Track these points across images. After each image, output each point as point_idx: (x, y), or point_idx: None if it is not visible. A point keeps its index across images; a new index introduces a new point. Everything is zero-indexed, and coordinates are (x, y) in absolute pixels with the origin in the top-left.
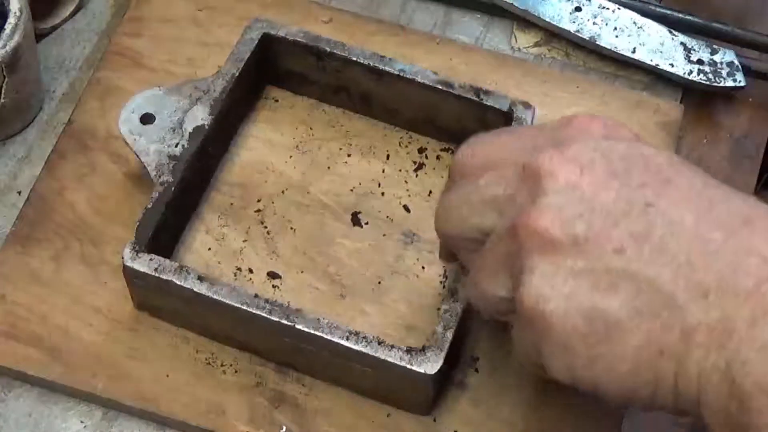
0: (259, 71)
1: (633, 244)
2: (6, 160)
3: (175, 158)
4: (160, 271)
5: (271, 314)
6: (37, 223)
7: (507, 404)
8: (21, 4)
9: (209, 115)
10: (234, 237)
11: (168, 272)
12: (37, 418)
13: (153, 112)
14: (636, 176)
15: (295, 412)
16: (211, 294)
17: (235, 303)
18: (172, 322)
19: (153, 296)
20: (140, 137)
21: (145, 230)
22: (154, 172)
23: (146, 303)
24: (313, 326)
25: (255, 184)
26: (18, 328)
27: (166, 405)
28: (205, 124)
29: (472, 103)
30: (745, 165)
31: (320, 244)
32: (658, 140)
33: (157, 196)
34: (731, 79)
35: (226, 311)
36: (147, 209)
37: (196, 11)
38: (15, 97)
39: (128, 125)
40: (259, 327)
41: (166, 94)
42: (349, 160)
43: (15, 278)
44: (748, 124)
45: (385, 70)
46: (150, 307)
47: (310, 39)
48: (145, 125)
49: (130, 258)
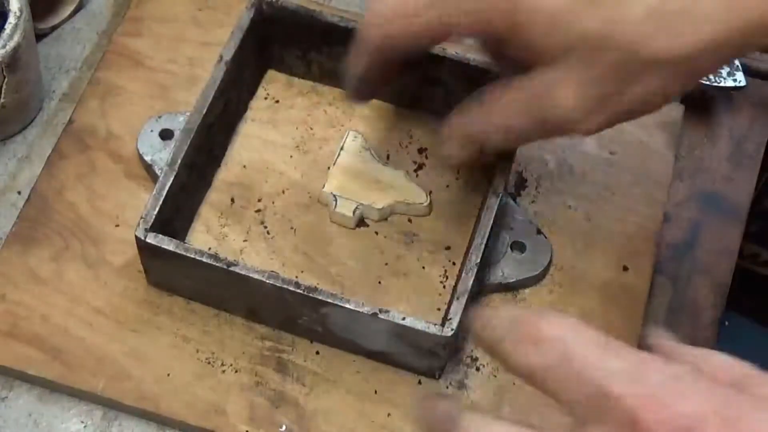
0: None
1: None
2: (6, 160)
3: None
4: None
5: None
6: (37, 223)
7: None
8: (21, 4)
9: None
10: (234, 237)
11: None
12: (37, 418)
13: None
14: None
15: (295, 412)
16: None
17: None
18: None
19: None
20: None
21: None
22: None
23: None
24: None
25: (255, 184)
26: (18, 328)
27: (166, 405)
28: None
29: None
30: (745, 165)
31: (320, 244)
32: (658, 140)
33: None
34: (731, 79)
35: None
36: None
37: (196, 11)
38: (15, 97)
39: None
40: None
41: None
42: None
43: (15, 278)
44: (748, 124)
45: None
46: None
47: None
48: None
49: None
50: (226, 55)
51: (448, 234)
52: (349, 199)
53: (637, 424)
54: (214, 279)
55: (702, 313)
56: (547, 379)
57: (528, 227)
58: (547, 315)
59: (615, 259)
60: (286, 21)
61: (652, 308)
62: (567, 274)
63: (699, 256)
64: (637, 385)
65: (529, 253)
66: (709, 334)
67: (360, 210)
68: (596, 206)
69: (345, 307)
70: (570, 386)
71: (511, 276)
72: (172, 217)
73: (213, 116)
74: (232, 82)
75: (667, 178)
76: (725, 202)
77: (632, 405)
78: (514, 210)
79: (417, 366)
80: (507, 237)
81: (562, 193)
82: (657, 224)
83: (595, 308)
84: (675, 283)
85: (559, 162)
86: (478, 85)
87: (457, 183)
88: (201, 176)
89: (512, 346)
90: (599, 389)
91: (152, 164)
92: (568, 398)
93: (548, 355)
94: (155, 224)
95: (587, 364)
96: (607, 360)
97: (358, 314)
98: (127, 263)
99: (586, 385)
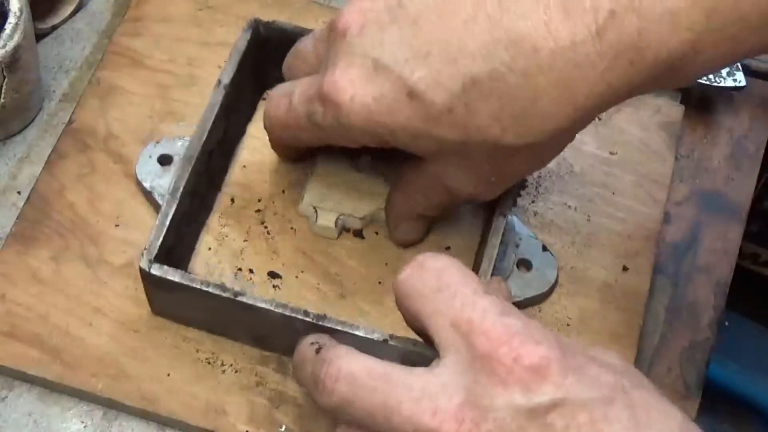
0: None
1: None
2: (6, 160)
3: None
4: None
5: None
6: (37, 223)
7: None
8: (21, 4)
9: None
10: (234, 237)
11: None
12: (37, 418)
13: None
14: None
15: (295, 412)
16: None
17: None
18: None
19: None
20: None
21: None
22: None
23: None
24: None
25: (255, 184)
26: (18, 328)
27: (166, 405)
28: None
29: None
30: (745, 165)
31: (320, 244)
32: (659, 140)
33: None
34: (731, 79)
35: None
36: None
37: (196, 11)
38: (15, 97)
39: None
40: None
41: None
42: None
43: (15, 278)
44: (748, 124)
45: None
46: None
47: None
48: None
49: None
50: (224, 79)
51: (448, 234)
52: (329, 211)
53: (493, 359)
54: (219, 308)
55: (702, 313)
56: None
57: (534, 244)
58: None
59: (615, 259)
60: (283, 42)
61: (652, 308)
62: (567, 274)
63: (699, 256)
64: (500, 327)
65: (535, 271)
66: (709, 334)
67: (341, 220)
68: (596, 206)
69: (355, 334)
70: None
71: (518, 295)
72: (175, 244)
73: (213, 141)
74: (230, 105)
75: (667, 178)
76: (725, 202)
77: (494, 340)
78: (520, 226)
79: None
80: (513, 255)
81: (562, 193)
82: (657, 224)
83: (595, 308)
84: (675, 283)
85: (559, 162)
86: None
87: None
88: (202, 202)
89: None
90: (468, 322)
91: (152, 191)
92: (435, 324)
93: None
94: (159, 254)
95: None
96: (480, 298)
97: (368, 341)
98: (127, 263)
99: (456, 316)
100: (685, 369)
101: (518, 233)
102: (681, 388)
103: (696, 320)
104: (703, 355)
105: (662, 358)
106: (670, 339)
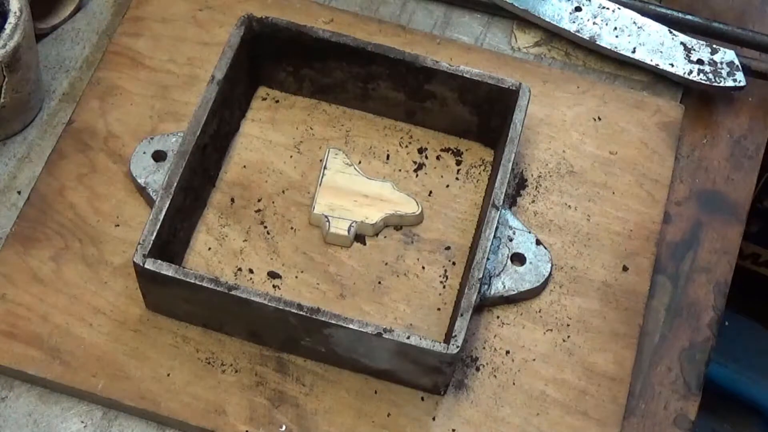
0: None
1: None
2: (6, 160)
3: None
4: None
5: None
6: (37, 223)
7: (507, 404)
8: (21, 4)
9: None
10: (234, 237)
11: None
12: (37, 418)
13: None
14: None
15: (295, 412)
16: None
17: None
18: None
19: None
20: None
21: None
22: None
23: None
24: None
25: (255, 184)
26: (18, 328)
27: (166, 405)
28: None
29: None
30: (745, 165)
31: (320, 244)
32: (658, 140)
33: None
34: (731, 79)
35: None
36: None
37: (196, 11)
38: (15, 97)
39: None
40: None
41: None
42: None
43: (15, 278)
44: (748, 124)
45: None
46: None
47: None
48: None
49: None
50: (217, 75)
51: (447, 234)
52: (341, 218)
53: None
54: (214, 303)
55: (702, 313)
56: None
57: (527, 238)
58: None
59: (615, 259)
60: (276, 37)
61: (652, 308)
62: (567, 274)
63: (699, 256)
64: None
65: (529, 265)
66: (709, 334)
67: (354, 227)
68: (596, 206)
69: (349, 328)
70: None
71: (512, 289)
72: (169, 240)
73: (207, 137)
74: (224, 101)
75: (667, 178)
76: (725, 202)
77: None
78: (513, 220)
79: (422, 383)
80: (507, 249)
81: (562, 193)
82: (657, 224)
83: (595, 308)
84: (675, 283)
85: (559, 162)
86: (472, 95)
87: (457, 183)
88: (196, 197)
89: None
90: None
91: (146, 186)
92: None
93: None
94: (153, 249)
95: None
96: None
97: (362, 334)
98: (127, 263)
99: None
100: (685, 369)
101: (512, 227)
102: (681, 388)
103: (696, 320)
104: (703, 355)
105: (662, 358)
106: (670, 339)
